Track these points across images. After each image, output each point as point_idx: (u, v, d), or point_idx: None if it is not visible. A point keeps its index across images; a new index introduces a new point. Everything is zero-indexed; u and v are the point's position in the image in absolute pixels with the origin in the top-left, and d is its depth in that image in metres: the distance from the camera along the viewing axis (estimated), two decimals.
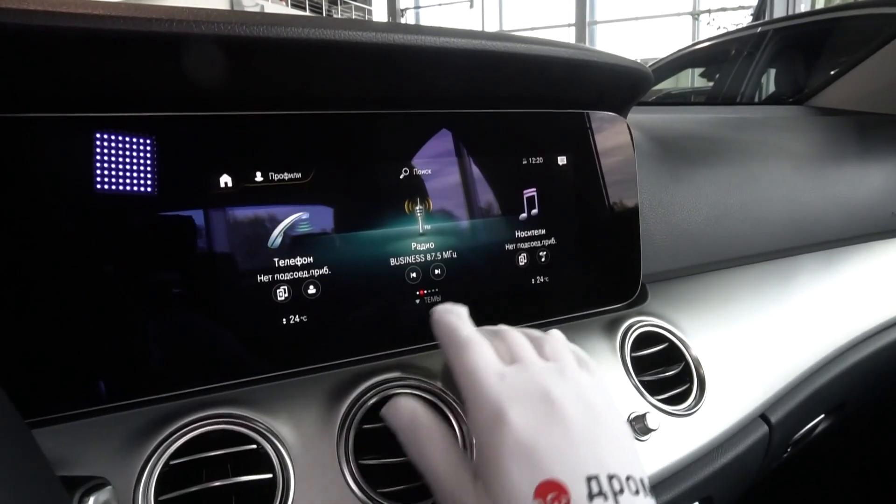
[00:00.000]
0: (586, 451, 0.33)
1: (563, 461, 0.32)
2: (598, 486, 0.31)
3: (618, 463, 0.33)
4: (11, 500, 0.15)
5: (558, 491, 0.31)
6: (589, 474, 0.31)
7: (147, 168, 0.38)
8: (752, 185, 0.68)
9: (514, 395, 0.35)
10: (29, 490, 0.16)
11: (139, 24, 0.32)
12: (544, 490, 0.31)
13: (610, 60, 0.50)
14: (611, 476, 0.32)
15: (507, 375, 0.36)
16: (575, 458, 0.32)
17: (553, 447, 0.32)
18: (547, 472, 0.31)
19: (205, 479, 0.36)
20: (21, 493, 0.15)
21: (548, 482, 0.31)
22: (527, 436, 0.33)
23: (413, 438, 0.37)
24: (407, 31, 0.41)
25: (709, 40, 2.29)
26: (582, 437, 0.33)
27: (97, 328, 0.37)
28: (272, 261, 0.41)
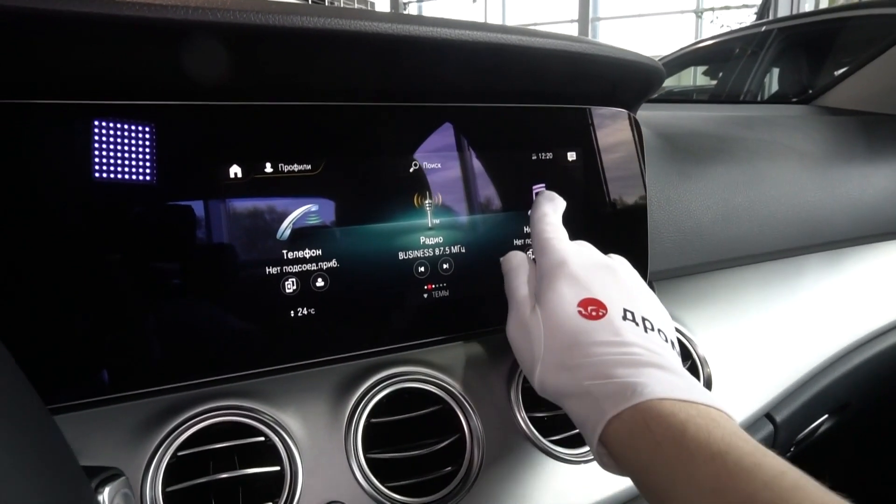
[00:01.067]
0: (629, 296, 0.39)
1: (607, 291, 0.38)
2: (632, 315, 0.37)
3: (651, 314, 0.38)
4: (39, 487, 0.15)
5: (598, 306, 0.37)
6: (626, 307, 0.37)
7: (155, 158, 0.38)
8: (759, 184, 0.68)
9: (579, 254, 0.41)
10: (55, 478, 0.16)
11: (153, 11, 0.32)
12: (586, 303, 0.37)
13: (623, 56, 0.49)
14: (645, 318, 0.37)
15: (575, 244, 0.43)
16: (618, 295, 0.38)
17: (601, 284, 0.39)
18: (592, 293, 0.38)
19: (212, 471, 0.36)
20: (48, 481, 0.15)
21: (590, 299, 0.37)
22: (582, 272, 0.39)
23: (513, 275, 0.43)
24: (421, 22, 0.40)
25: (712, 38, 2.28)
26: (627, 288, 0.40)
27: (105, 318, 0.37)
28: (280, 253, 0.41)
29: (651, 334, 0.36)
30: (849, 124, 0.88)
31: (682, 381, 0.32)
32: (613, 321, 0.36)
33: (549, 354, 0.36)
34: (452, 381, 0.44)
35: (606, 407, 0.32)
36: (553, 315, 0.37)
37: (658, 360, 0.34)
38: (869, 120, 0.92)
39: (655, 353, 0.34)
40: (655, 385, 0.31)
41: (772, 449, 0.29)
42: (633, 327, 0.36)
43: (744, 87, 1.90)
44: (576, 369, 0.34)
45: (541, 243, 0.43)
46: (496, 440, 0.43)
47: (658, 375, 0.32)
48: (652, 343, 0.35)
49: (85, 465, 0.27)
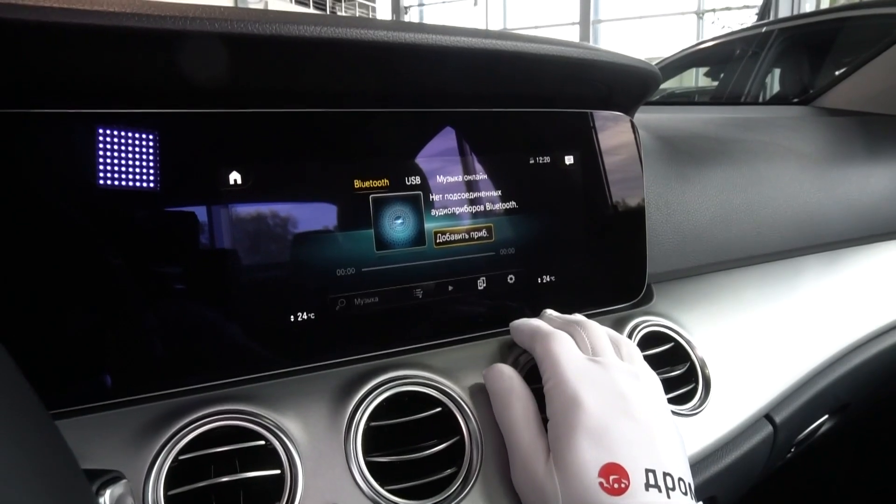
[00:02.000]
0: (649, 447, 0.36)
1: (629, 450, 0.36)
2: (654, 479, 0.35)
3: (673, 464, 0.36)
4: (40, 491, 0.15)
5: (620, 475, 0.35)
6: (648, 467, 0.35)
7: (154, 164, 0.38)
8: (758, 185, 0.68)
9: (592, 384, 0.39)
10: (56, 481, 0.17)
11: (152, 22, 0.32)
12: (608, 471, 0.35)
13: (618, 60, 0.50)
14: (666, 473, 0.35)
15: (588, 367, 0.40)
16: (639, 449, 0.36)
17: (621, 436, 0.36)
18: (613, 456, 0.35)
19: (213, 475, 0.37)
20: (49, 484, 0.16)
21: (613, 465, 0.35)
22: (600, 421, 0.37)
23: (505, 403, 0.41)
24: (420, 29, 0.41)
25: (713, 40, 2.28)
26: (647, 434, 0.37)
27: (107, 323, 0.37)
28: (281, 258, 0.41)
29: (674, 496, 0.35)
30: (848, 125, 0.88)
31: None
32: (636, 495, 0.34)
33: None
34: (451, 384, 0.44)
35: None
36: (574, 487, 0.35)
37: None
38: (867, 120, 0.92)
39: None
40: None
41: (771, 450, 0.29)
42: (655, 497, 0.34)
43: (745, 88, 1.90)
44: None
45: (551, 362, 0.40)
46: (495, 442, 0.43)
47: None
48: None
49: (86, 468, 0.28)
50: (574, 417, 0.37)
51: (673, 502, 0.34)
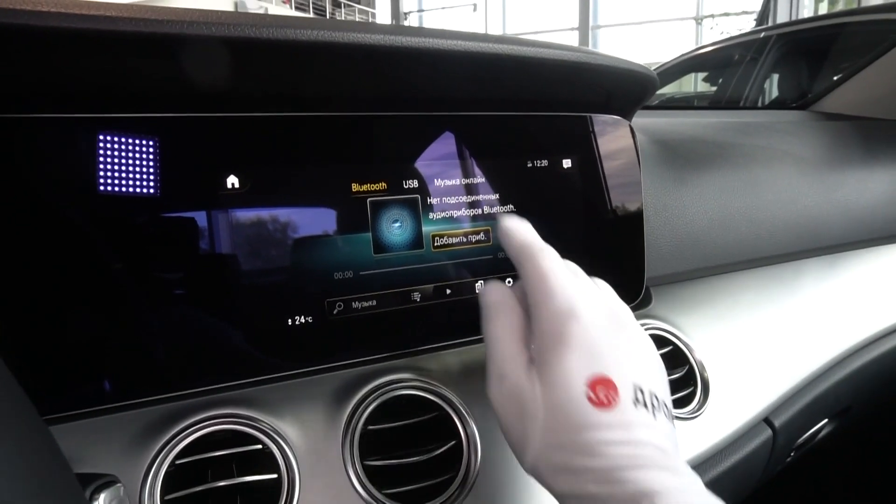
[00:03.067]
0: (641, 366, 0.35)
1: (620, 365, 0.34)
2: (642, 395, 0.33)
3: (658, 386, 0.35)
4: (31, 493, 0.15)
5: (609, 387, 0.33)
6: (636, 383, 0.34)
7: (153, 169, 0.38)
8: (756, 189, 0.68)
9: (584, 298, 0.36)
10: (47, 485, 0.17)
11: (150, 26, 0.33)
12: (597, 383, 0.33)
13: (616, 64, 0.50)
14: (652, 393, 0.34)
15: (582, 281, 0.38)
16: (630, 364, 0.35)
17: (615, 350, 0.35)
18: (604, 368, 0.33)
19: (210, 479, 0.36)
20: (40, 487, 0.16)
21: (603, 378, 0.33)
22: (594, 332, 0.35)
23: (492, 315, 0.39)
24: (418, 33, 0.41)
25: (712, 45, 2.29)
26: (640, 354, 0.36)
27: (103, 328, 0.37)
28: (279, 262, 0.41)
29: (659, 417, 0.33)
30: (845, 129, 0.88)
31: (687, 485, 0.31)
32: (625, 411, 0.32)
33: (546, 445, 0.32)
34: (449, 388, 0.44)
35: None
36: (557, 395, 0.33)
37: (666, 462, 0.31)
38: (865, 125, 0.92)
39: (665, 451, 0.32)
40: (665, 495, 0.29)
41: (771, 454, 0.29)
42: (643, 415, 0.33)
43: (743, 93, 1.91)
44: (580, 472, 0.31)
45: (540, 278, 0.37)
46: (493, 446, 0.43)
47: (667, 483, 0.30)
48: (661, 435, 0.33)
49: (80, 472, 0.28)
50: (567, 326, 0.34)
51: (658, 423, 0.33)
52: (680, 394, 0.53)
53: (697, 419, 0.52)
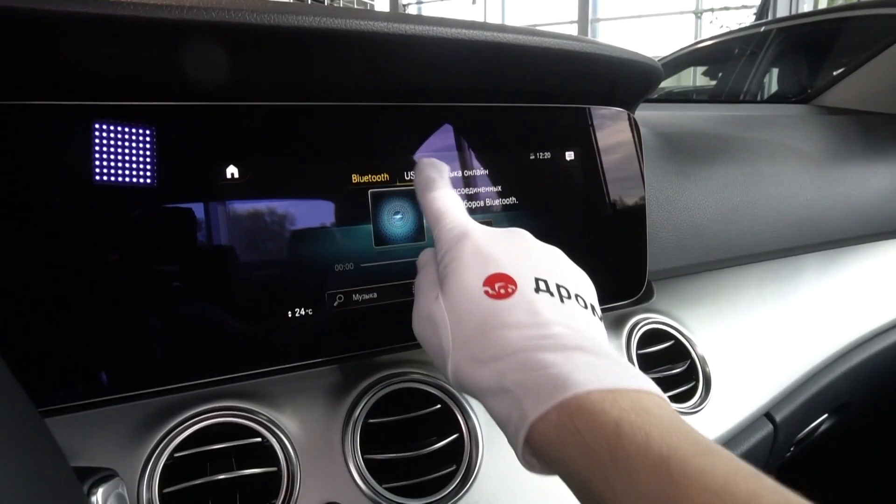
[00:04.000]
0: (539, 261, 0.35)
1: (516, 264, 0.33)
2: (545, 285, 0.32)
3: (569, 280, 0.34)
4: (26, 488, 0.14)
5: (506, 281, 0.32)
6: (538, 276, 0.33)
7: (152, 158, 0.37)
8: (758, 183, 0.68)
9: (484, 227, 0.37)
10: (43, 479, 0.16)
11: (149, 11, 0.32)
12: (493, 280, 0.32)
13: (620, 55, 0.49)
14: (559, 285, 0.33)
15: None
16: (527, 264, 0.34)
17: (509, 255, 0.34)
18: (498, 268, 0.33)
19: (209, 472, 0.36)
20: (36, 482, 0.15)
21: (497, 274, 0.32)
22: (486, 245, 0.34)
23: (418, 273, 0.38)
24: (420, 21, 0.40)
25: (711, 39, 2.28)
26: (538, 256, 0.35)
27: (101, 320, 0.36)
28: (278, 254, 0.41)
29: (569, 303, 0.32)
30: (847, 124, 0.88)
31: (608, 365, 0.28)
32: (526, 295, 0.31)
33: (458, 346, 0.32)
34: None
35: (528, 407, 0.27)
36: (456, 299, 0.33)
37: (580, 341, 0.29)
38: (867, 119, 0.92)
39: (576, 329, 0.30)
40: (579, 374, 0.27)
41: (771, 449, 0.28)
42: (548, 299, 0.32)
43: (743, 87, 1.90)
44: (490, 362, 0.30)
45: (434, 214, 0.38)
46: (495, 440, 0.43)
47: (582, 361, 0.28)
48: (571, 317, 0.31)
49: (79, 466, 0.27)
50: (459, 246, 0.35)
51: (568, 308, 0.32)
52: (681, 388, 0.53)
53: (699, 413, 0.52)
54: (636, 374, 0.28)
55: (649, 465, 0.24)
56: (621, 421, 0.25)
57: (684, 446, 0.24)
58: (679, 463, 0.23)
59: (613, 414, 0.25)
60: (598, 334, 0.32)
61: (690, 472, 0.23)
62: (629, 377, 0.28)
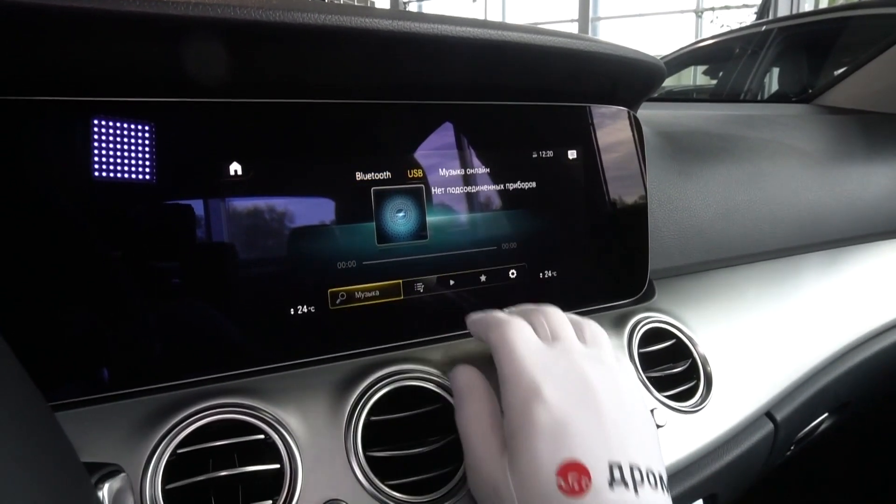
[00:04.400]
0: (613, 439, 0.33)
1: (591, 445, 0.32)
2: (619, 473, 0.32)
3: (641, 455, 0.33)
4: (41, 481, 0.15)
5: (580, 472, 0.31)
6: (612, 461, 0.32)
7: (156, 155, 0.37)
8: (760, 182, 0.68)
9: (551, 372, 0.35)
10: (56, 473, 0.16)
11: (154, 6, 0.32)
12: (567, 469, 0.31)
13: (623, 53, 0.49)
14: (633, 466, 0.32)
15: (547, 353, 0.37)
16: (602, 443, 0.33)
17: (583, 429, 0.33)
18: (573, 453, 0.32)
19: (212, 469, 0.36)
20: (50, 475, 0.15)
21: (572, 463, 0.31)
22: (559, 414, 0.33)
23: (461, 401, 0.38)
24: (422, 19, 0.40)
25: (712, 38, 2.29)
26: (611, 425, 0.34)
27: (105, 316, 0.37)
28: (280, 251, 0.41)
29: (642, 491, 0.32)
30: (849, 123, 0.88)
31: None
32: (599, 494, 0.31)
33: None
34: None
35: None
36: (528, 489, 0.32)
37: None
38: (869, 119, 0.92)
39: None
40: None
41: (772, 448, 0.27)
42: (622, 494, 0.31)
43: (744, 86, 1.91)
44: None
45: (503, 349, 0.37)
46: None
47: None
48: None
49: (85, 461, 0.27)
50: (530, 410, 0.34)
51: (642, 499, 0.31)
52: (683, 387, 0.53)
53: (700, 413, 0.52)
54: None
55: None
56: None
57: None
58: None
59: None
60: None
61: None
62: None
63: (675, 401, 0.51)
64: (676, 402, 0.51)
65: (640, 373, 0.51)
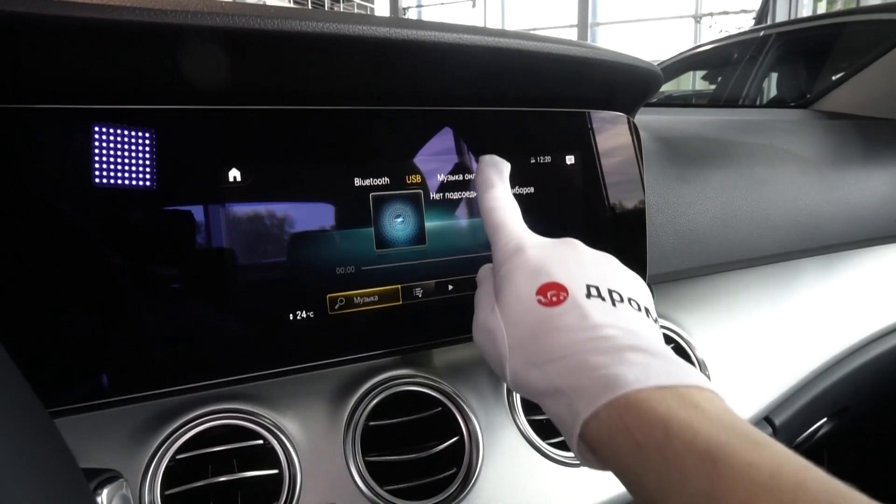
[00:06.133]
0: (591, 271, 0.35)
1: (568, 273, 0.34)
2: (597, 291, 0.33)
3: (622, 285, 0.35)
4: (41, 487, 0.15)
5: (557, 290, 0.33)
6: (589, 283, 0.34)
7: (156, 162, 0.38)
8: (758, 187, 0.68)
9: (534, 236, 0.38)
10: (55, 478, 0.16)
11: (152, 16, 0.32)
12: (545, 289, 0.33)
13: (620, 59, 0.49)
14: (611, 290, 0.34)
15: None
16: (579, 272, 0.35)
17: (561, 265, 0.35)
18: (551, 277, 0.34)
19: (211, 474, 0.36)
20: (49, 480, 0.15)
21: (549, 283, 0.34)
22: (539, 256, 0.36)
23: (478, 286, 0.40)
24: (420, 26, 0.40)
25: (711, 43, 2.29)
26: (591, 263, 0.36)
27: (104, 322, 0.37)
28: (279, 257, 0.41)
29: (622, 306, 0.33)
30: (846, 128, 0.88)
31: (660, 364, 0.29)
32: (577, 301, 0.32)
33: (514, 352, 0.33)
34: (451, 385, 0.44)
35: (580, 406, 0.28)
36: (511, 309, 0.34)
37: (633, 341, 0.30)
38: (866, 124, 0.92)
39: (629, 330, 0.31)
40: (629, 374, 0.28)
41: None
42: (599, 304, 0.32)
43: (742, 91, 1.91)
44: (544, 365, 0.31)
45: (492, 225, 0.40)
46: (495, 443, 0.43)
47: (633, 360, 0.29)
48: (624, 319, 0.32)
49: (83, 467, 0.27)
50: (514, 260, 0.36)
51: (620, 311, 0.32)
52: None
53: None
54: (689, 371, 0.29)
55: (697, 460, 0.24)
56: (669, 418, 0.26)
57: (732, 440, 0.25)
58: (726, 457, 0.24)
59: (661, 411, 0.26)
60: (652, 334, 0.33)
61: (737, 465, 0.24)
62: (680, 374, 0.28)
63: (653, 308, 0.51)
64: None
65: None
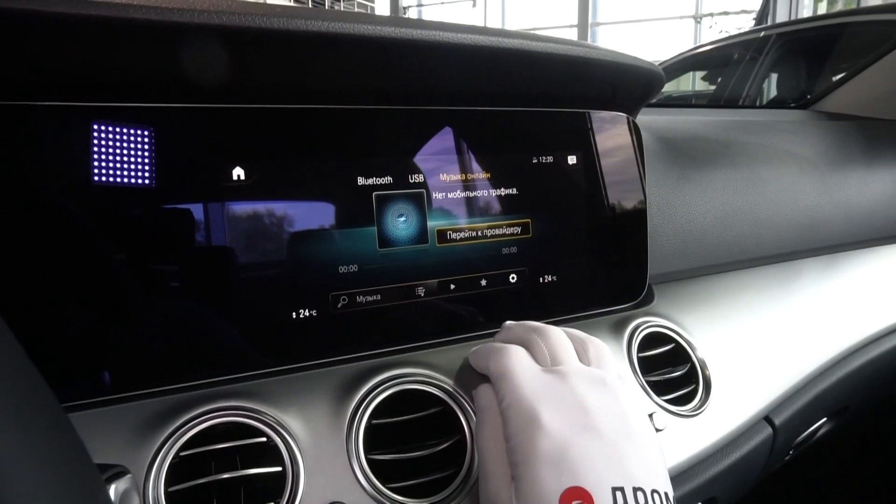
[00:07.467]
0: (615, 463, 0.33)
1: (592, 470, 0.32)
2: (622, 497, 0.31)
3: (645, 476, 0.33)
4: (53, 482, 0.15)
5: (584, 499, 0.31)
6: (615, 485, 0.32)
7: (160, 160, 0.38)
8: (758, 187, 0.68)
9: (550, 398, 0.35)
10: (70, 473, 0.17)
11: (158, 14, 0.32)
12: (570, 496, 0.31)
13: (622, 60, 0.50)
14: (636, 489, 0.32)
15: (545, 378, 0.37)
16: (603, 468, 0.32)
17: (583, 455, 0.33)
18: (575, 479, 0.32)
19: (214, 471, 0.36)
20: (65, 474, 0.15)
21: (574, 489, 0.31)
22: (559, 441, 0.33)
23: (480, 421, 0.38)
24: (421, 25, 0.40)
25: (711, 44, 2.29)
26: (612, 449, 0.34)
27: (109, 319, 0.37)
28: (282, 255, 0.41)
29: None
30: (847, 129, 0.88)
31: None
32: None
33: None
34: (453, 383, 0.44)
35: None
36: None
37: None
38: (866, 125, 0.93)
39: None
40: None
41: (771, 452, 0.28)
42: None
43: (742, 92, 1.91)
44: None
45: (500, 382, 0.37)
46: None
47: None
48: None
49: None
50: (531, 439, 0.34)
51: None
52: (682, 391, 0.53)
53: (699, 417, 0.52)
54: None
55: None
56: None
57: None
58: None
59: None
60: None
61: None
62: None
63: (674, 405, 0.51)
64: (675, 406, 0.51)
65: (640, 377, 0.51)
